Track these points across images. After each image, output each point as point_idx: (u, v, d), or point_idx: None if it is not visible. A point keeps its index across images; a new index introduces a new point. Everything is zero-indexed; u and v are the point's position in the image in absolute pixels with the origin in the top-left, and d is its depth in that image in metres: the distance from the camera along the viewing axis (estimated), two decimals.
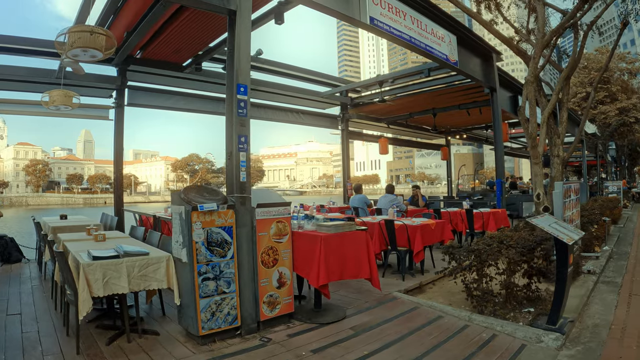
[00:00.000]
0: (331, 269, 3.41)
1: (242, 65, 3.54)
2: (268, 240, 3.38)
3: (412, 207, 7.47)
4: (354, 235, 3.61)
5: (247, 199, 3.43)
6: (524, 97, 5.73)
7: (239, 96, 3.50)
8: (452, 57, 5.93)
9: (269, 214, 3.41)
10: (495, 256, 3.53)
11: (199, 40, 6.21)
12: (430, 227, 4.80)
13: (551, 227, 3.35)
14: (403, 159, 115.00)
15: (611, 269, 5.89)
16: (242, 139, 3.52)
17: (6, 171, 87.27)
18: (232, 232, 3.22)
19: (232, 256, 3.20)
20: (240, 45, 3.56)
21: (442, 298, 4.39)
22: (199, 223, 3.08)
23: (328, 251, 3.39)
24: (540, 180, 6.03)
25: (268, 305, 3.36)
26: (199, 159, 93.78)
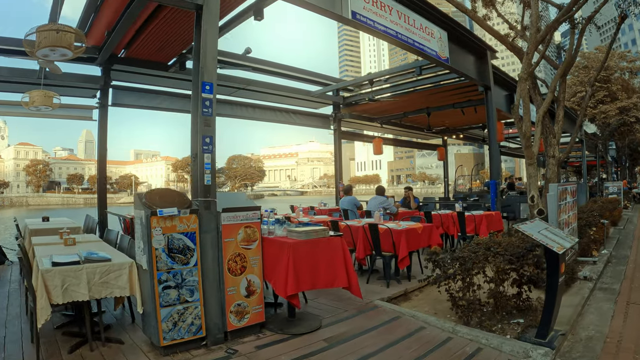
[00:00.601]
0: (301, 278, 3.20)
1: (208, 63, 3.37)
2: (235, 246, 3.21)
3: (404, 209, 7.24)
4: (328, 242, 3.39)
5: (212, 203, 3.24)
6: (517, 95, 5.49)
7: (204, 94, 3.32)
8: (442, 54, 5.69)
9: (236, 219, 3.23)
10: (481, 264, 3.30)
11: (182, 38, 6.09)
12: (416, 232, 4.57)
13: (541, 234, 3.12)
14: (404, 159, 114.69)
15: (609, 275, 5.65)
16: (207, 139, 3.32)
17: (7, 171, 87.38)
18: (195, 238, 3.06)
19: (196, 263, 3.06)
20: (207, 41, 3.40)
21: (428, 306, 4.16)
22: (159, 229, 2.92)
23: (297, 259, 3.19)
24: (535, 181, 5.79)
25: (236, 315, 3.18)
26: None
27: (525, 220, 3.69)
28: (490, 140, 7.11)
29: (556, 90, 6.08)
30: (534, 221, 3.42)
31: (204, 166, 3.30)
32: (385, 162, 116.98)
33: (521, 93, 5.21)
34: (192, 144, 3.40)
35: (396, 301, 4.35)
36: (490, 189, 7.17)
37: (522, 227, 3.07)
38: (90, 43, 6.50)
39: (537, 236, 3.03)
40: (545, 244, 2.93)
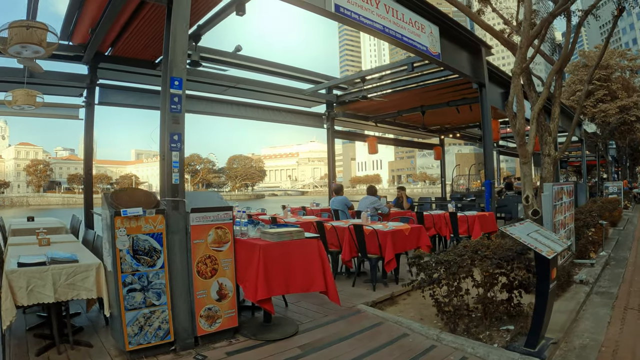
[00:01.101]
0: (273, 282, 3.04)
1: (178, 58, 3.24)
2: (205, 248, 3.06)
3: (396, 210, 7.06)
4: (303, 244, 3.22)
5: (180, 203, 3.10)
6: (511, 92, 5.31)
7: (172, 90, 3.19)
8: (433, 49, 5.51)
9: (206, 220, 3.08)
10: (467, 269, 3.12)
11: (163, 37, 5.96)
12: (403, 233, 4.39)
13: (530, 237, 2.92)
14: (405, 159, 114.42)
15: (607, 278, 5.44)
16: (175, 137, 3.18)
17: (7, 171, 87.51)
18: (162, 239, 2.93)
19: (163, 265, 2.93)
20: (176, 36, 3.27)
21: (414, 311, 3.98)
22: (123, 229, 2.81)
23: (269, 262, 3.03)
24: (530, 181, 5.60)
25: (206, 319, 3.05)
26: (200, 159, 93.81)
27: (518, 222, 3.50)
28: (484, 139, 6.92)
29: (552, 87, 5.88)
30: (524, 223, 3.23)
31: (171, 165, 3.16)
32: (386, 162, 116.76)
33: (515, 89, 5.03)
34: (160, 142, 3.25)
35: (382, 305, 4.17)
36: (485, 189, 6.98)
37: (510, 229, 2.89)
38: (76, 41, 6.45)
39: (525, 239, 2.84)
40: (534, 247, 2.74)
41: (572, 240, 6.21)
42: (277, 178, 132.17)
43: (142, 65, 6.92)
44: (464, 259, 3.11)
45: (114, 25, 5.55)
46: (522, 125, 5.26)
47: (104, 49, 6.58)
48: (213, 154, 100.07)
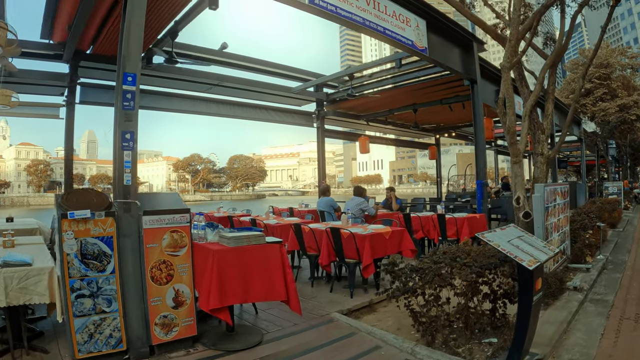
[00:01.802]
0: (228, 290, 2.84)
1: (132, 52, 3.06)
2: (160, 252, 2.89)
3: (384, 211, 6.80)
4: (263, 250, 3.00)
5: (132, 205, 2.91)
6: (502, 87, 5.05)
7: (125, 86, 2.99)
8: (419, 44, 5.26)
9: (160, 223, 2.90)
10: (445, 277, 2.87)
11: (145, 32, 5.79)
12: (383, 237, 4.14)
13: (510, 244, 2.66)
14: (406, 159, 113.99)
15: (603, 284, 5.15)
16: (127, 135, 2.99)
17: (8, 171, 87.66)
18: (113, 243, 2.78)
19: (113, 271, 2.77)
20: (131, 28, 3.08)
21: (393, 320, 3.73)
22: (70, 232, 2.68)
23: (223, 268, 2.83)
24: (521, 181, 5.33)
25: (162, 328, 2.88)
26: (201, 159, 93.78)
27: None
28: (476, 138, 6.67)
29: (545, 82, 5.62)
30: (505, 228, 2.98)
31: (123, 165, 2.96)
32: (387, 162, 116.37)
33: (504, 84, 4.78)
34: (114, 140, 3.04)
35: (358, 313, 3.93)
36: (477, 190, 6.72)
37: (488, 235, 2.63)
38: (56, 39, 6.38)
39: (505, 247, 2.58)
40: (513, 257, 2.48)
41: (567, 243, 5.94)
42: (278, 178, 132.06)
43: None
44: (440, 266, 2.86)
45: (90, 22, 5.47)
46: (512, 122, 5.00)
47: (85, 47, 6.47)
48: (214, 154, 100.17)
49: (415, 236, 5.88)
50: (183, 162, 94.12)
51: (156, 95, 8.11)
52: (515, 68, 5.54)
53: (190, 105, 8.48)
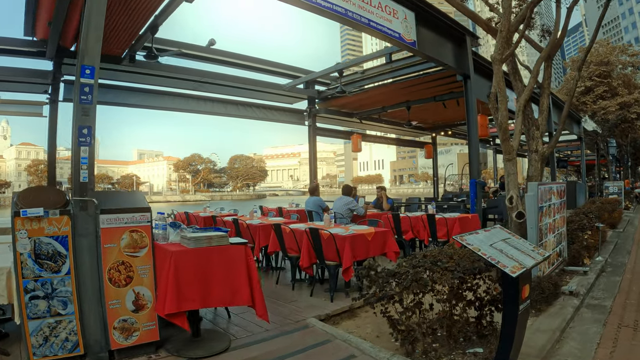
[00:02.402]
0: (186, 294, 2.66)
1: (90, 44, 2.89)
2: (118, 253, 2.74)
3: (374, 211, 6.59)
4: (226, 251, 2.81)
5: (88, 203, 2.74)
6: (494, 81, 4.83)
7: (82, 79, 2.83)
8: (407, 37, 5.03)
9: (119, 222, 2.74)
10: (424, 283, 2.64)
11: (126, 28, 5.71)
12: (365, 238, 3.92)
13: (493, 248, 2.43)
14: (407, 158, 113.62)
15: (601, 288, 4.89)
16: (84, 130, 2.82)
17: (9, 171, 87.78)
18: (68, 242, 2.64)
19: (69, 272, 2.65)
20: (90, 19, 2.90)
21: (372, 327, 3.51)
22: (23, 231, 2.57)
23: (181, 271, 2.65)
24: (514, 180, 5.10)
25: (121, 332, 2.73)
26: (201, 159, 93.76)
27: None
28: (469, 135, 6.44)
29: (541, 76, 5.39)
30: (490, 229, 2.75)
31: (79, 161, 2.77)
32: (388, 162, 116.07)
33: (495, 77, 4.55)
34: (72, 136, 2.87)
35: (338, 319, 3.71)
36: (476, 189, 6.49)
37: (467, 238, 2.40)
38: (39, 36, 6.30)
39: (486, 251, 2.35)
40: (495, 262, 2.25)
41: (564, 245, 5.70)
42: (279, 178, 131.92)
43: (108, 61, 6.65)
44: (419, 271, 2.64)
45: (70, 18, 5.37)
46: (504, 118, 4.78)
47: (68, 44, 6.37)
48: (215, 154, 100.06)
49: (405, 237, 5.66)
50: (183, 162, 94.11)
51: (144, 92, 7.93)
52: (508, 61, 5.31)
53: (178, 103, 8.30)
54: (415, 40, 5.19)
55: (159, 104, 8.12)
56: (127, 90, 7.82)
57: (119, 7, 4.96)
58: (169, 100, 8.18)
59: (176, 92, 8.25)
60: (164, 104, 8.15)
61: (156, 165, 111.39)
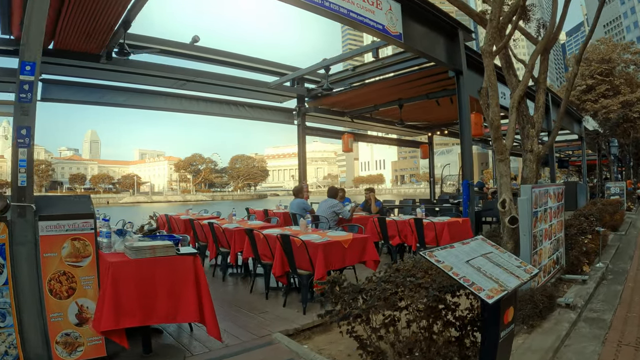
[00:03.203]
0: (125, 309, 2.42)
1: (32, 38, 2.67)
2: (59, 263, 2.53)
3: (362, 214, 6.27)
4: (172, 263, 2.53)
5: (27, 209, 2.49)
6: (485, 75, 4.51)
7: (22, 76, 2.62)
8: (392, 29, 4.71)
9: (59, 229, 2.52)
10: (391, 303, 2.32)
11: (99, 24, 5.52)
12: (340, 245, 3.61)
13: (470, 265, 2.07)
14: (408, 158, 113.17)
15: (601, 298, 4.52)
16: (22, 131, 2.59)
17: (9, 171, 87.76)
18: (5, 251, 2.46)
19: (7, 282, 2.47)
20: (33, 12, 2.64)
21: (346, 344, 3.18)
22: None
23: (120, 283, 2.43)
24: (506, 182, 4.77)
25: (64, 347, 2.53)
26: (202, 159, 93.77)
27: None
28: (461, 133, 6.11)
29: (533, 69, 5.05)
30: (468, 242, 2.41)
31: (17, 164, 2.51)
32: (389, 162, 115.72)
33: (486, 70, 4.23)
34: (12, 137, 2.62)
35: (310, 333, 3.40)
36: (463, 191, 6.16)
37: (438, 254, 2.05)
38: (15, 34, 6.09)
39: (459, 270, 1.98)
40: (469, 285, 1.90)
41: (562, 251, 5.34)
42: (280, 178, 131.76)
43: (87, 59, 6.44)
44: (386, 288, 2.31)
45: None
46: (496, 115, 4.45)
47: (45, 42, 6.12)
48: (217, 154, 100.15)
49: (392, 242, 5.34)
50: (184, 162, 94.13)
51: (129, 92, 7.67)
52: (502, 55, 4.98)
53: (165, 102, 8.05)
54: (402, 33, 4.86)
55: (145, 103, 7.87)
56: (112, 89, 7.59)
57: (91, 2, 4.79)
58: (155, 99, 7.93)
59: (162, 91, 8.00)
60: (150, 103, 7.89)
61: (157, 165, 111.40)
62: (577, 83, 17.39)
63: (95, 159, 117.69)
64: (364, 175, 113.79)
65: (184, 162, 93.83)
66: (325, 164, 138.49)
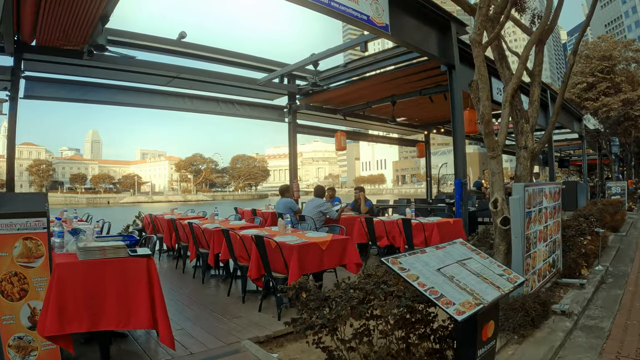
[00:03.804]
0: (71, 313, 2.26)
1: None
2: (11, 263, 2.45)
3: (350, 214, 6.04)
4: (123, 265, 2.38)
5: None
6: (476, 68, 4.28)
7: None
8: (378, 20, 4.48)
9: (10, 228, 2.39)
10: (358, 313, 2.09)
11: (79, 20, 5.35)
12: (318, 247, 3.38)
13: (440, 274, 1.81)
14: (409, 158, 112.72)
15: (599, 304, 4.24)
16: None
17: None
18: None
19: None
20: None
21: (317, 355, 2.95)
22: None
23: (66, 286, 2.28)
24: (499, 180, 4.52)
25: (17, 351, 2.42)
26: (203, 159, 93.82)
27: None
28: (454, 130, 5.87)
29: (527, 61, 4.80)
30: (444, 247, 2.16)
31: None
32: (390, 161, 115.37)
33: (475, 61, 3.99)
34: None
35: (283, 340, 3.18)
36: (455, 191, 5.92)
37: (405, 260, 1.81)
38: None
39: (427, 280, 1.74)
40: (435, 298, 1.66)
41: (558, 253, 5.09)
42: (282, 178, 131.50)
43: (70, 55, 6.25)
44: (353, 296, 2.09)
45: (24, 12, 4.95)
46: (486, 109, 4.21)
47: (27, 38, 6.00)
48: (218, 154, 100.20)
49: (380, 243, 5.11)
50: (185, 162, 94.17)
51: (110, 88, 7.48)
52: (494, 46, 4.74)
53: (153, 100, 7.87)
54: (388, 24, 4.63)
55: (130, 100, 7.68)
56: (96, 86, 7.42)
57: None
58: (140, 96, 7.74)
59: (148, 88, 7.81)
60: (136, 100, 7.71)
61: (158, 165, 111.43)
62: (577, 80, 17.08)
63: (96, 159, 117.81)
64: (365, 175, 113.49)
65: (185, 162, 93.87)
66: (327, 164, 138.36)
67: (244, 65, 7.70)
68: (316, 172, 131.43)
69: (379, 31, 4.59)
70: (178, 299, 4.26)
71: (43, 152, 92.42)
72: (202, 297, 4.36)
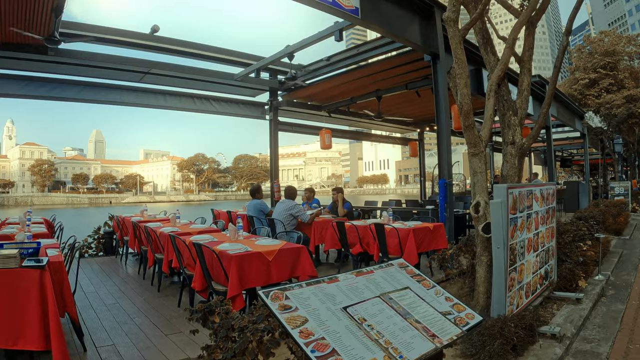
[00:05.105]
0: None
1: None
2: None
3: (327, 217, 5.57)
4: (12, 277, 2.02)
5: None
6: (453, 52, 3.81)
7: None
8: (345, 3, 4.02)
9: None
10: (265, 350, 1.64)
11: (34, 13, 5.02)
12: (262, 258, 2.92)
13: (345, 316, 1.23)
14: (412, 158, 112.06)
15: (597, 323, 3.65)
16: None
17: (12, 171, 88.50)
18: None
19: None
20: None
21: None
22: None
23: None
24: (481, 181, 4.02)
25: None
26: (205, 159, 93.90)
27: None
28: (438, 125, 5.40)
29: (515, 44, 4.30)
30: (371, 271, 1.66)
31: None
32: (393, 161, 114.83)
33: (451, 42, 3.52)
34: None
35: None
36: (439, 192, 5.44)
37: (294, 293, 1.31)
38: None
39: (317, 327, 1.17)
40: (316, 357, 1.09)
41: (552, 264, 4.52)
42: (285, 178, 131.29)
43: (32, 51, 5.88)
44: (258, 330, 1.63)
45: None
46: (464, 97, 3.72)
47: None
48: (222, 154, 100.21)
49: (352, 251, 4.63)
50: (187, 161, 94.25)
51: (77, 85, 7.09)
52: (477, 29, 4.26)
53: (126, 97, 7.47)
54: (358, 8, 4.17)
55: (98, 97, 7.29)
56: (62, 83, 7.04)
57: None
58: (109, 92, 7.34)
59: (119, 85, 7.41)
60: (103, 97, 7.31)
61: (160, 165, 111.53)
62: (579, 77, 16.48)
63: (99, 158, 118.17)
64: (368, 175, 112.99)
65: (187, 161, 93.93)
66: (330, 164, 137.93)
67: (220, 60, 7.27)
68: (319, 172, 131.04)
69: (347, 15, 4.12)
70: (125, 308, 3.88)
71: (45, 152, 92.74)
72: (151, 307, 3.95)
